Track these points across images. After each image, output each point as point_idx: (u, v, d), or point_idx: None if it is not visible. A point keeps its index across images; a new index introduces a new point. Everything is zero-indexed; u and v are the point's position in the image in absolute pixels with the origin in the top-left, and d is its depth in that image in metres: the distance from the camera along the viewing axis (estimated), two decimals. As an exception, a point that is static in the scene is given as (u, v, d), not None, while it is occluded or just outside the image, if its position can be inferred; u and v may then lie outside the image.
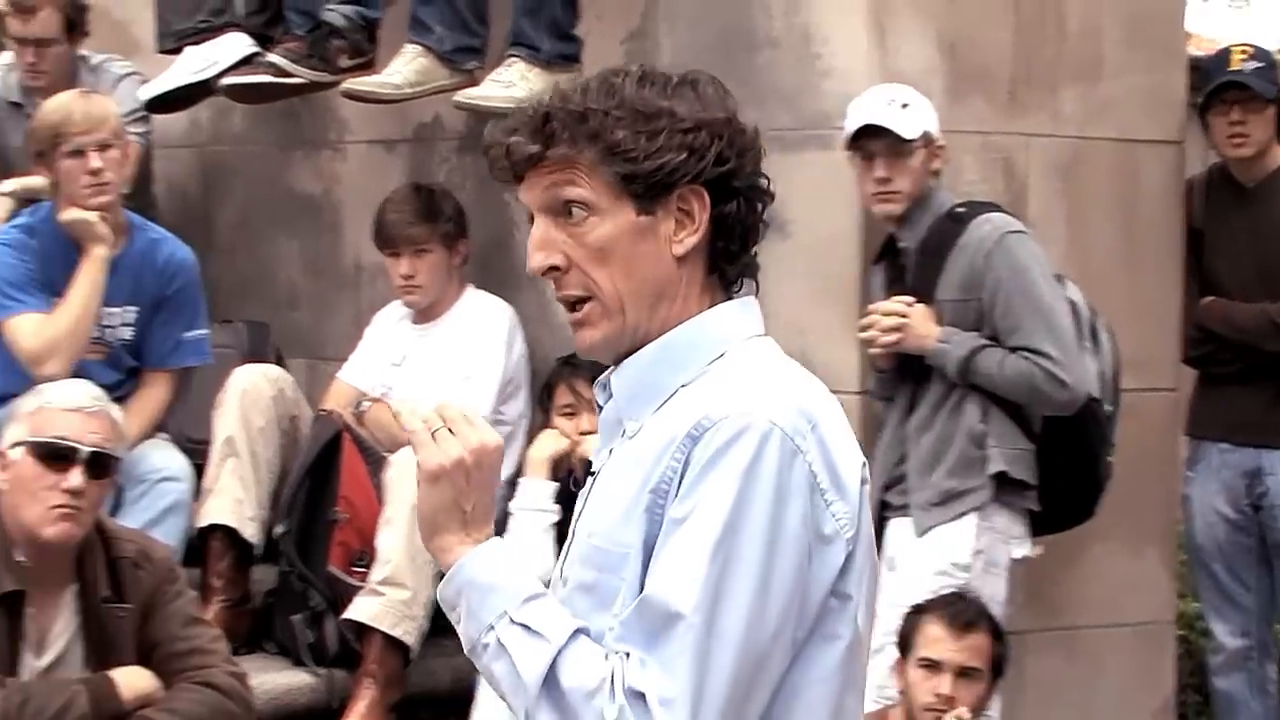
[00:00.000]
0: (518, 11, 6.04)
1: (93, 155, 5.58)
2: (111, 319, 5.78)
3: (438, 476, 2.35)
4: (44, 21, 6.58)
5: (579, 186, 2.37)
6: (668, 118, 2.36)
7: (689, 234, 2.39)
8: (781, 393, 2.35)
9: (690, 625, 2.25)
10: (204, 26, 6.70)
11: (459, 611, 2.36)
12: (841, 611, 2.35)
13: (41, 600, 4.47)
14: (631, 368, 2.42)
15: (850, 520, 2.35)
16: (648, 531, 2.32)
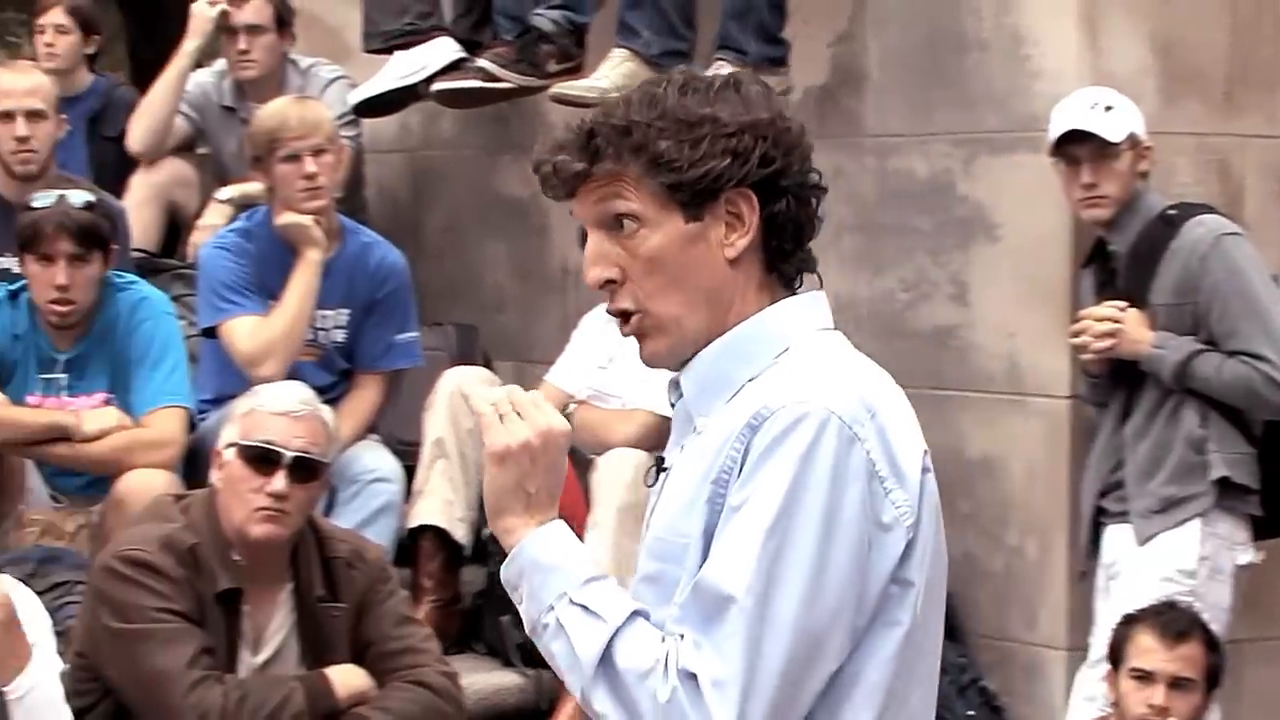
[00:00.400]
0: (725, 15, 6.04)
1: (308, 160, 5.67)
2: (325, 321, 5.87)
3: (503, 458, 2.40)
4: (256, 9, 6.71)
5: (627, 199, 2.40)
6: (710, 124, 2.39)
7: (740, 236, 2.41)
8: (841, 382, 2.37)
9: (742, 608, 2.27)
10: (410, 30, 6.77)
11: (521, 592, 2.40)
12: (902, 598, 2.35)
13: (258, 598, 4.54)
14: (698, 364, 2.44)
15: (910, 508, 2.36)
16: (708, 521, 2.35)
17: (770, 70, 6.01)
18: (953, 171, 5.98)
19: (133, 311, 5.55)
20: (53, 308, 5.41)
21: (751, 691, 2.26)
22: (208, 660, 4.37)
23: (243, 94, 6.86)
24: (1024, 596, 5.84)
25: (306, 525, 4.58)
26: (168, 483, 5.21)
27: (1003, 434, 5.89)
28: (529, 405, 2.43)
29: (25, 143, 5.96)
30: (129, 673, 4.37)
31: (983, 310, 5.88)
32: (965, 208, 5.94)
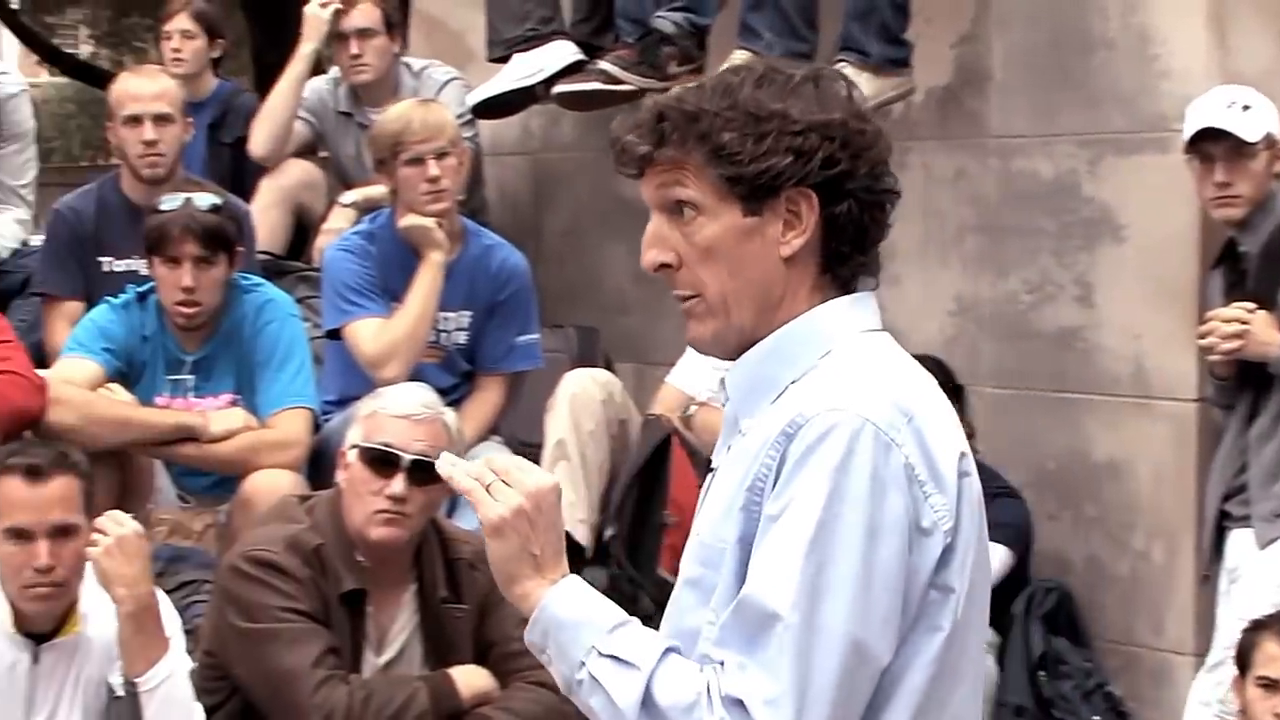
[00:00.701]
0: (847, 16, 6.02)
1: (431, 163, 5.70)
2: (447, 323, 5.89)
3: (499, 528, 2.40)
4: (364, 13, 6.76)
5: (687, 187, 2.39)
6: (779, 120, 2.36)
7: (796, 235, 2.39)
8: (877, 387, 2.34)
9: (788, 625, 2.24)
10: (532, 35, 6.79)
11: (549, 654, 2.39)
12: (943, 603, 2.33)
13: (381, 599, 4.56)
14: (743, 365, 2.42)
15: (948, 512, 2.33)
16: (744, 529, 2.33)
17: (892, 71, 5.99)
18: (1078, 172, 5.94)
19: (259, 313, 5.60)
20: (179, 309, 5.47)
21: (806, 707, 2.23)
22: (333, 660, 4.39)
23: (357, 99, 6.91)
24: (1150, 601, 5.79)
25: (430, 527, 4.60)
26: (293, 483, 5.25)
27: (1129, 437, 5.84)
28: (513, 470, 2.43)
29: (153, 146, 6.03)
30: (256, 672, 4.40)
31: (1108, 312, 5.83)
32: (1090, 209, 5.89)
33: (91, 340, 5.51)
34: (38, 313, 6.17)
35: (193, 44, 7.14)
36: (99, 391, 5.41)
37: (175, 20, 7.19)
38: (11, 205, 6.74)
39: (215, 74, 7.28)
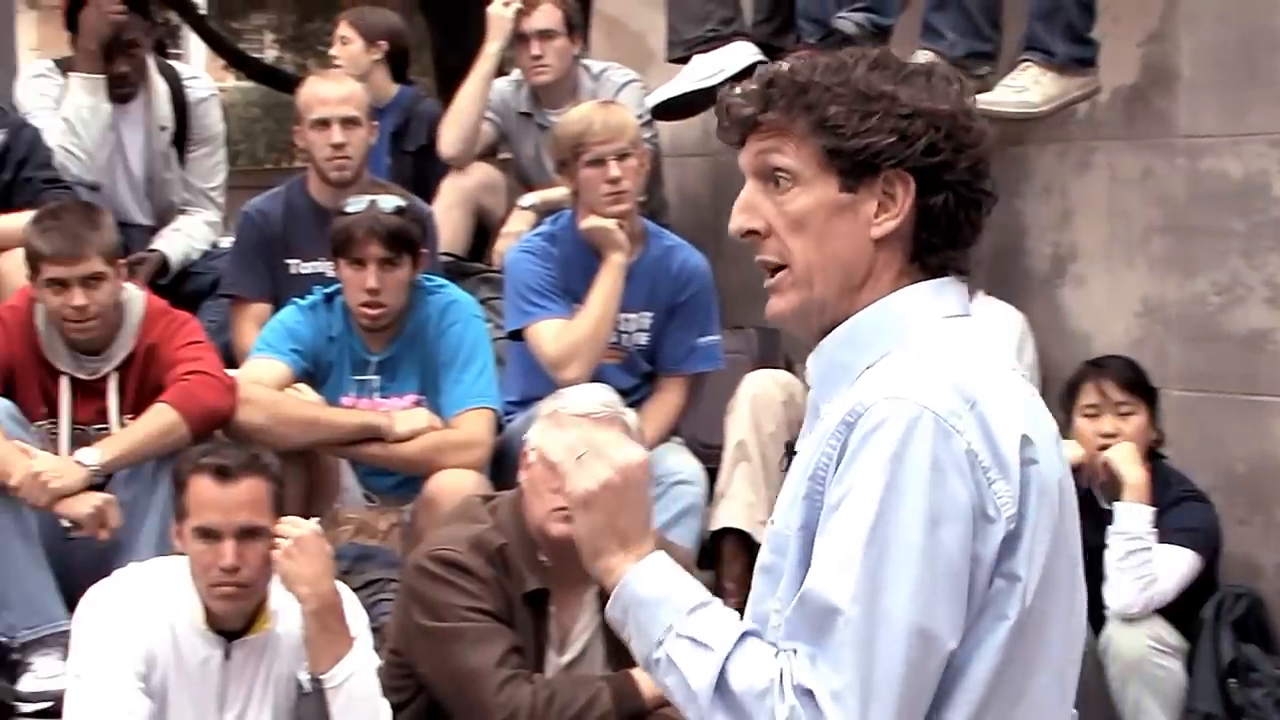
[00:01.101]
0: (1032, 15, 5.96)
1: (612, 164, 5.72)
2: (628, 324, 5.91)
3: (588, 501, 2.39)
4: (546, 14, 6.79)
5: (786, 155, 2.38)
6: (887, 100, 2.35)
7: (889, 218, 2.37)
8: (940, 373, 2.30)
9: (849, 619, 2.22)
10: (712, 35, 6.80)
11: (629, 630, 2.38)
12: (1009, 592, 2.29)
13: (564, 599, 4.58)
14: (822, 351, 2.41)
15: (1012, 499, 2.28)
16: (806, 517, 2.31)
17: (1077, 71, 5.92)
18: (1269, 172, 5.84)
19: (442, 314, 5.65)
20: (364, 310, 5.54)
21: (871, 699, 2.21)
22: (517, 659, 4.42)
23: (537, 100, 6.95)
24: (1342, 608, 5.68)
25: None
26: (476, 483, 5.30)
27: (1320, 441, 5.74)
28: (607, 444, 2.44)
29: (340, 149, 6.10)
30: (441, 670, 4.44)
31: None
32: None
33: (279, 341, 5.60)
34: (227, 314, 6.27)
35: (348, 49, 7.23)
36: (287, 392, 5.50)
37: (339, 27, 7.33)
38: (202, 208, 6.85)
39: (396, 80, 7.35)
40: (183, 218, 6.79)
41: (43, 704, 5.03)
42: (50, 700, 4.98)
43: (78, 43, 6.57)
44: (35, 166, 6.16)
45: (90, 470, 5.13)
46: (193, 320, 5.61)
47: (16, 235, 5.67)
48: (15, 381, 5.35)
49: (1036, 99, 5.85)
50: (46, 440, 5.34)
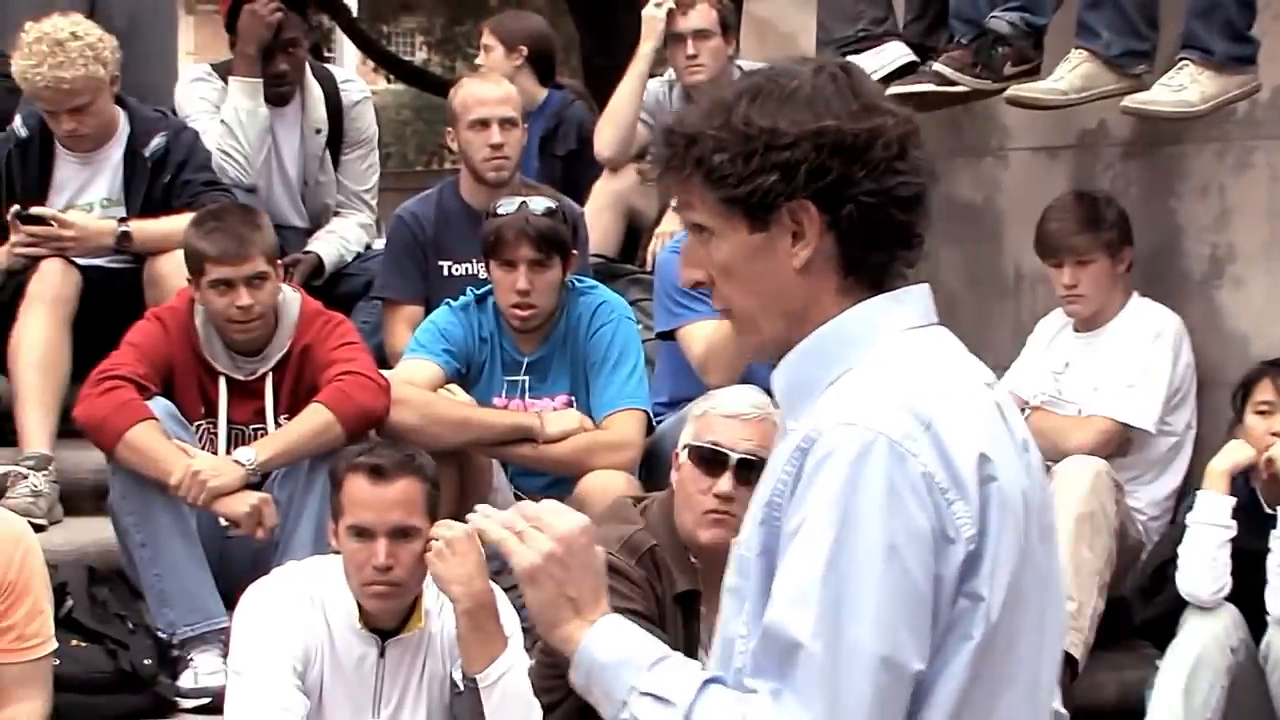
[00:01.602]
0: (1189, 13, 5.89)
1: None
2: (776, 325, 5.89)
3: (534, 576, 2.40)
4: (701, 14, 6.81)
5: (696, 210, 2.40)
6: (767, 136, 2.33)
7: (802, 247, 2.36)
8: (892, 395, 2.29)
9: (810, 654, 2.21)
10: (864, 35, 6.77)
11: (594, 695, 2.37)
12: (973, 612, 2.28)
13: (715, 600, 4.50)
14: (783, 371, 2.42)
15: (971, 520, 2.27)
16: (765, 542, 2.30)
17: (1236, 69, 5.84)
18: None
19: (593, 316, 5.67)
20: (515, 312, 5.57)
21: None
22: (668, 661, 4.41)
23: (691, 100, 6.94)
24: None
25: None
26: (627, 485, 5.31)
27: None
28: (544, 515, 2.44)
29: (499, 149, 6.14)
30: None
31: None
32: None
33: (432, 342, 5.64)
34: (380, 315, 6.33)
35: (490, 55, 7.29)
36: (439, 392, 5.54)
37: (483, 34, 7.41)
38: (355, 210, 6.92)
39: (545, 84, 7.39)
40: (337, 220, 6.86)
41: (202, 700, 5.11)
42: (209, 696, 5.05)
43: (236, 47, 6.67)
44: (194, 169, 6.25)
45: (247, 469, 5.21)
46: (347, 321, 5.67)
47: (176, 237, 5.76)
48: (175, 382, 5.44)
49: (1194, 98, 5.77)
50: (205, 440, 5.43)
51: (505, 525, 2.44)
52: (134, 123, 6.25)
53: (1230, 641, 5.30)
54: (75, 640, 5.05)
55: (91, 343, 5.74)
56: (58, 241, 6.03)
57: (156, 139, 6.22)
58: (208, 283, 5.34)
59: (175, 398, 5.42)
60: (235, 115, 6.60)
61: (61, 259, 6.03)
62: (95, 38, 6.05)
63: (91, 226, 6.10)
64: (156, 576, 5.20)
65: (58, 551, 5.33)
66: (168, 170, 6.22)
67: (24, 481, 5.65)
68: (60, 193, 6.23)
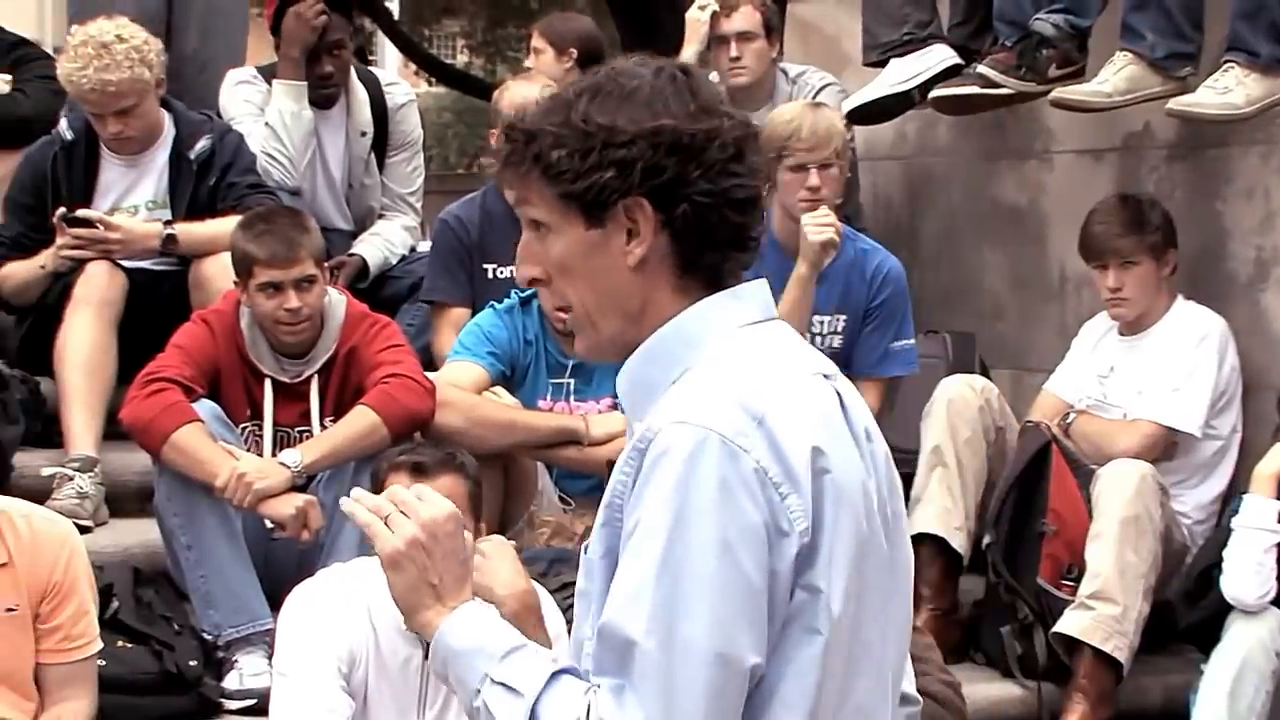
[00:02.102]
0: (1234, 15, 5.87)
1: (813, 173, 5.71)
2: (821, 327, 5.90)
3: (396, 560, 2.40)
4: (745, 16, 6.81)
5: (533, 205, 2.42)
6: (604, 134, 2.36)
7: (637, 244, 2.38)
8: (724, 393, 2.30)
9: (644, 651, 2.23)
10: (909, 39, 6.76)
11: (451, 682, 2.39)
12: (813, 604, 2.29)
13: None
14: (627, 370, 2.43)
15: (804, 513, 2.28)
16: (608, 543, 2.32)
17: (1282, 72, 5.82)
18: None
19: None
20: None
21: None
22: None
23: (733, 102, 6.93)
24: None
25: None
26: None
27: None
28: (410, 501, 2.44)
29: None
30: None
31: None
32: None
33: (477, 345, 5.64)
34: (426, 317, 6.33)
35: (541, 57, 7.30)
36: (484, 395, 5.54)
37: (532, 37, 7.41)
38: (400, 213, 6.93)
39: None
40: (381, 222, 6.87)
41: (247, 701, 5.12)
42: (254, 698, 5.07)
43: (281, 50, 6.68)
44: (239, 172, 6.27)
45: (293, 472, 5.22)
46: (392, 324, 5.68)
47: (221, 240, 5.78)
48: (220, 384, 5.45)
49: (1239, 100, 5.75)
50: (250, 442, 5.44)
51: (373, 509, 2.44)
52: (179, 125, 6.27)
53: (1275, 645, 5.28)
54: (121, 641, 5.07)
55: (137, 345, 5.75)
56: (103, 244, 6.05)
57: (202, 141, 6.24)
58: (256, 285, 5.36)
59: (221, 400, 5.44)
60: (280, 118, 6.62)
61: (107, 261, 6.05)
62: (141, 40, 6.07)
63: (137, 229, 6.12)
64: (202, 578, 5.22)
65: (103, 553, 5.35)
66: (213, 173, 6.24)
67: (70, 483, 5.67)
68: (106, 195, 6.25)
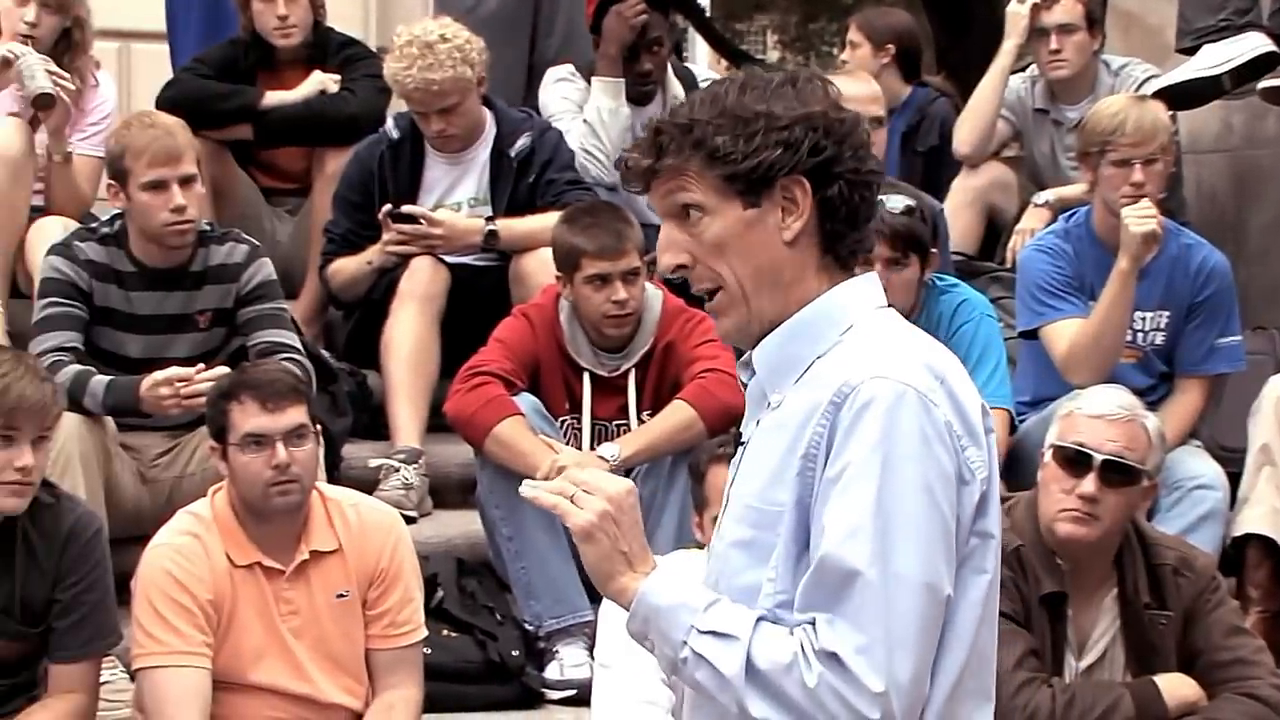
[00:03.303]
0: None
1: (1137, 168, 5.60)
2: (1144, 323, 5.80)
3: (590, 533, 2.62)
4: (1066, 8, 6.72)
5: (690, 191, 2.62)
6: (764, 119, 2.59)
7: (795, 219, 2.61)
8: (909, 355, 2.57)
9: (867, 580, 2.46)
10: (1224, 25, 6.62)
11: (650, 640, 2.60)
12: (985, 549, 2.58)
13: (1081, 603, 4.51)
14: (770, 344, 2.64)
15: (983, 463, 2.57)
16: (799, 493, 2.54)
17: None
18: None
19: (954, 314, 5.62)
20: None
21: (895, 650, 2.45)
22: (1034, 662, 4.38)
23: (1053, 96, 6.87)
24: None
25: (1131, 531, 4.53)
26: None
27: None
28: (592, 480, 2.65)
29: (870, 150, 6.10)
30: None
31: None
32: None
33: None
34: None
35: (857, 53, 7.26)
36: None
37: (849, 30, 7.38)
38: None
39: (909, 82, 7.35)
40: (695, 217, 6.90)
41: (568, 691, 5.19)
42: (575, 688, 5.13)
43: (599, 47, 6.75)
44: (558, 169, 6.34)
45: (611, 464, 5.27)
46: (708, 319, 5.59)
47: (541, 236, 5.86)
48: (540, 378, 5.53)
49: None
50: (569, 435, 5.51)
51: (556, 492, 2.65)
52: (500, 123, 6.37)
53: None
54: (446, 630, 5.18)
55: (460, 339, 5.87)
56: (427, 240, 6.17)
57: (522, 139, 6.33)
58: (583, 278, 5.42)
59: (541, 393, 5.52)
60: (598, 115, 6.69)
61: (431, 257, 6.17)
62: (463, 39, 6.17)
63: (460, 225, 6.23)
64: (523, 570, 5.30)
65: (427, 543, 5.46)
66: (532, 170, 6.32)
67: (395, 474, 5.79)
68: (429, 193, 6.37)
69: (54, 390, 4.42)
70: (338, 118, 6.68)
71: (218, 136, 6.66)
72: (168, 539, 4.56)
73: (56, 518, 4.48)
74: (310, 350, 5.71)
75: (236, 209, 6.71)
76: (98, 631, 4.52)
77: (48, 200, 6.24)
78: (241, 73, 6.78)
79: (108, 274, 5.44)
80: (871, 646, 2.45)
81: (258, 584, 4.55)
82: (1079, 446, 4.46)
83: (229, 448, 4.55)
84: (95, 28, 6.52)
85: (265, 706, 4.57)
